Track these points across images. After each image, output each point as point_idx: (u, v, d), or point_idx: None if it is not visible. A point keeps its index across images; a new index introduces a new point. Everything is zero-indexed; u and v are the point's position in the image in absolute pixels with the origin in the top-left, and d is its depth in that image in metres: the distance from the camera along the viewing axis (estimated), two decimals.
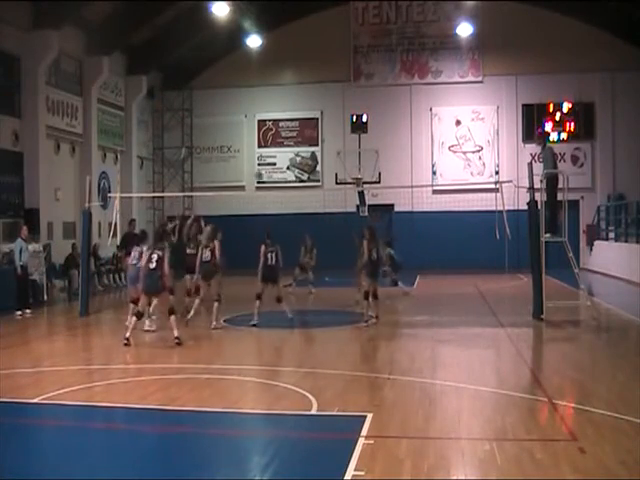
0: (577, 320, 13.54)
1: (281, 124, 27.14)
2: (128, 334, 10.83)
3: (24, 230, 15.43)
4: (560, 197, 13.95)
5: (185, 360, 10.03)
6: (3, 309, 14.67)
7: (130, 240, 16.70)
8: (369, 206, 22.88)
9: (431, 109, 26.24)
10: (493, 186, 15.98)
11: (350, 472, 5.27)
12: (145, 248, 11.34)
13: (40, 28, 18.64)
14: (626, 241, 21.76)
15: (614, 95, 25.28)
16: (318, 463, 5.74)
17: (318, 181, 26.64)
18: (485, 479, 5.32)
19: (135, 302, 11.48)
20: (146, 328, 12.17)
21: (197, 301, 12.88)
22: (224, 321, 13.22)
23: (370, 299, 12.87)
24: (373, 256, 12.72)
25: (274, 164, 27.11)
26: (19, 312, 14.66)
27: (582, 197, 25.12)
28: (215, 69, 27.09)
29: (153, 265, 10.75)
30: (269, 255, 12.74)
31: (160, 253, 10.84)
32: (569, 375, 8.93)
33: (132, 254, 11.94)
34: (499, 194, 14.07)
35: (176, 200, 26.39)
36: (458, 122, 26.17)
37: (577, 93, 25.33)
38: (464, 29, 25.20)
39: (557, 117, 25.51)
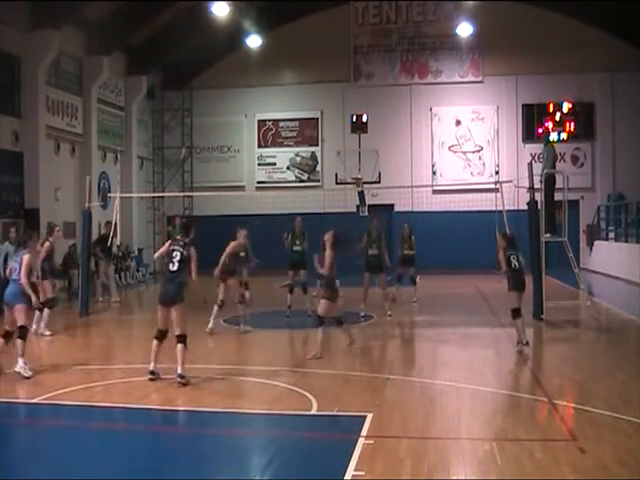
0: (577, 320, 13.54)
1: (281, 124, 27.13)
2: (211, 325, 11.89)
3: (11, 232, 14.16)
4: (559, 197, 13.95)
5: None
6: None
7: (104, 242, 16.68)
8: (369, 206, 22.86)
9: (431, 109, 26.23)
10: (493, 186, 15.95)
11: (350, 472, 5.27)
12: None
13: (40, 28, 18.60)
14: (626, 241, 21.75)
15: (614, 95, 25.26)
16: (318, 463, 5.75)
17: (318, 181, 26.62)
18: (485, 479, 5.32)
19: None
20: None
21: None
22: (224, 321, 13.23)
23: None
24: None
25: (274, 164, 27.10)
26: None
27: (582, 197, 25.10)
28: (215, 69, 27.06)
29: None
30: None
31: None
32: (569, 375, 8.93)
33: None
34: (499, 194, 14.07)
35: (176, 200, 26.40)
36: (458, 122, 26.16)
37: (577, 93, 25.30)
38: (464, 29, 25.17)
39: (557, 117, 25.47)
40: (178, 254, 8.67)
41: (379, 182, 24.60)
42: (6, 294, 9.09)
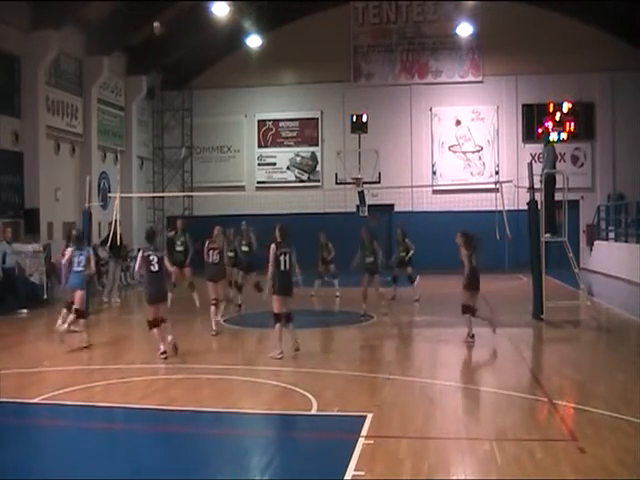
0: (577, 320, 13.53)
1: (281, 124, 27.13)
2: (214, 326, 11.91)
3: (7, 232, 15.24)
4: (559, 197, 13.95)
5: (185, 360, 10.01)
6: (3, 308, 14.69)
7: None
8: (369, 206, 22.87)
9: (431, 109, 26.23)
10: (493, 186, 15.95)
11: (350, 472, 5.27)
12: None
13: (40, 28, 18.62)
14: (626, 241, 21.75)
15: (614, 95, 25.27)
16: (318, 463, 5.75)
17: (318, 181, 26.62)
18: (485, 479, 5.32)
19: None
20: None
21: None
22: (224, 321, 13.22)
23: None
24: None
25: (274, 164, 27.10)
26: None
27: (582, 197, 25.11)
28: (215, 69, 27.07)
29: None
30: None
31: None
32: (569, 375, 8.93)
33: None
34: (499, 194, 14.06)
35: (176, 200, 26.41)
36: (458, 122, 26.16)
37: (577, 93, 25.31)
38: (464, 29, 25.18)
39: (557, 117, 25.49)
40: (155, 257, 9.97)
41: (379, 182, 24.63)
42: (74, 281, 11.04)
